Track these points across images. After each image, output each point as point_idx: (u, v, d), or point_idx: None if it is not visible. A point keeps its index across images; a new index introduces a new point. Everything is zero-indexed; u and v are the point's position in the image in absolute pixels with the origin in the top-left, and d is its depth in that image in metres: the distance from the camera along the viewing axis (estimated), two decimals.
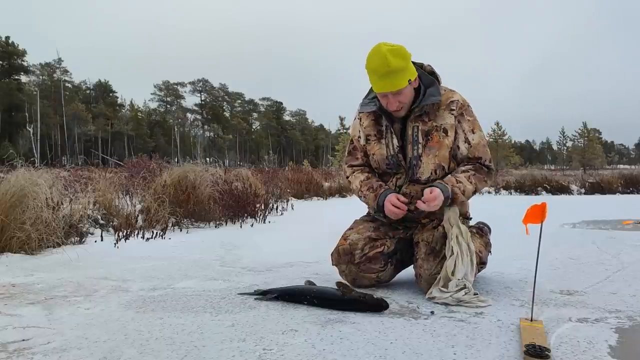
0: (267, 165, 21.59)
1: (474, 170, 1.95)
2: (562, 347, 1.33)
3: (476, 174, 1.95)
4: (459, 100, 1.97)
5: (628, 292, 1.95)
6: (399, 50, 1.83)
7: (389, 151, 2.00)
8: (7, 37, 53.75)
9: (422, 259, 1.92)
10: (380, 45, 1.82)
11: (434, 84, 1.95)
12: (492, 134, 44.94)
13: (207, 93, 77.36)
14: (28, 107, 48.22)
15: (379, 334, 1.46)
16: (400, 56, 1.82)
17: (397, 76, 1.82)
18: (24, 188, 3.08)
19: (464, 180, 1.91)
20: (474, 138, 1.97)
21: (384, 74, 1.81)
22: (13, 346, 1.37)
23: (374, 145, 2.05)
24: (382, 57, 1.79)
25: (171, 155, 48.67)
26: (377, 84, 1.88)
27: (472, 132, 1.97)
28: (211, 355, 1.29)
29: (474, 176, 1.94)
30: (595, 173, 20.38)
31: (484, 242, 2.08)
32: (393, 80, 1.83)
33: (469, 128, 1.97)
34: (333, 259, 2.09)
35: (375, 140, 2.04)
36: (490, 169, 2.00)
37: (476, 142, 1.97)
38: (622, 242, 3.35)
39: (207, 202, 4.72)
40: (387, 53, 1.79)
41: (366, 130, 2.07)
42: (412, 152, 1.96)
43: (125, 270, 2.53)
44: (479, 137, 1.98)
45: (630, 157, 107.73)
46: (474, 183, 1.93)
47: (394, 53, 1.81)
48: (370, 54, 1.85)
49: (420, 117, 1.95)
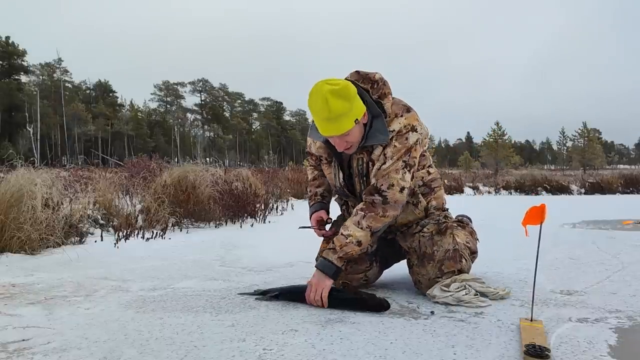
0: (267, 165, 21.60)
1: (364, 210, 1.79)
2: (562, 347, 1.33)
3: (367, 213, 1.79)
4: (394, 130, 1.80)
5: (628, 292, 1.95)
6: (341, 90, 1.65)
7: (336, 182, 1.97)
8: (7, 37, 53.76)
9: (417, 265, 1.93)
10: (321, 85, 1.66)
11: (380, 118, 1.79)
12: (492, 134, 44.92)
13: (207, 93, 77.39)
14: (28, 107, 48.23)
15: (379, 334, 1.46)
16: (342, 97, 1.65)
17: (341, 120, 1.67)
18: (24, 188, 3.08)
19: (353, 231, 1.78)
20: (387, 163, 1.80)
21: (326, 119, 1.67)
22: (13, 346, 1.37)
23: (325, 168, 2.02)
24: (322, 100, 1.64)
25: (171, 155, 48.67)
26: (320, 127, 1.73)
27: (391, 158, 1.79)
28: (211, 355, 1.29)
29: (364, 218, 1.78)
30: (595, 173, 20.40)
31: (467, 232, 2.10)
32: (337, 125, 1.68)
33: (391, 154, 1.79)
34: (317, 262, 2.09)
35: (327, 164, 2.00)
36: (385, 198, 1.78)
37: (386, 167, 1.79)
38: (622, 242, 3.35)
39: (207, 202, 4.72)
40: (329, 95, 1.63)
41: (318, 151, 2.00)
42: (360, 185, 1.89)
43: (125, 270, 2.53)
44: (394, 166, 1.79)
45: (630, 157, 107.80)
46: (367, 226, 1.78)
47: (336, 95, 1.64)
48: (310, 93, 1.69)
49: (364, 147, 1.82)
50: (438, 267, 1.87)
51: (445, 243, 1.90)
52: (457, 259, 1.89)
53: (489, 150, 43.62)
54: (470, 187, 13.26)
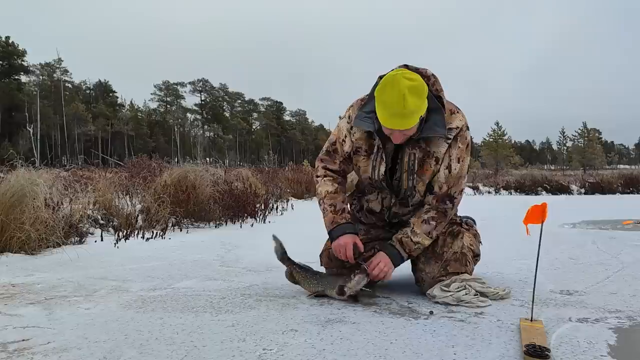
0: (267, 165, 21.58)
1: (436, 220, 1.83)
2: (562, 347, 1.33)
3: (438, 223, 1.84)
4: (457, 127, 1.81)
5: (628, 292, 1.95)
6: (418, 87, 1.64)
7: (374, 175, 1.89)
8: (7, 37, 53.70)
9: (423, 262, 1.93)
10: (400, 80, 1.62)
11: (439, 111, 1.77)
12: (492, 134, 44.95)
13: (207, 93, 77.37)
14: (28, 107, 48.19)
15: (379, 334, 1.46)
16: (418, 95, 1.64)
17: (412, 117, 1.65)
18: (24, 188, 3.08)
19: (422, 239, 1.83)
20: (456, 167, 1.82)
21: (399, 114, 1.64)
22: (13, 346, 1.37)
23: (361, 160, 1.92)
24: (399, 95, 1.60)
25: (171, 155, 48.60)
26: (387, 120, 1.68)
27: (457, 160, 1.82)
28: (211, 355, 1.29)
29: (435, 229, 1.84)
30: (595, 173, 20.40)
31: (472, 234, 2.09)
32: (406, 120, 1.66)
33: (456, 156, 1.82)
34: (322, 261, 2.09)
35: (365, 156, 1.90)
36: (454, 204, 1.86)
37: (456, 172, 1.82)
38: (622, 242, 3.35)
39: (207, 202, 4.72)
40: (407, 92, 1.60)
41: (357, 142, 1.91)
42: (408, 182, 1.85)
43: (125, 270, 2.53)
44: (461, 168, 1.83)
45: (630, 157, 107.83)
46: (435, 235, 1.85)
47: (413, 92, 1.62)
48: (386, 86, 1.64)
49: (417, 142, 1.80)
50: (444, 266, 1.88)
51: (455, 245, 1.91)
52: (463, 262, 1.90)
53: (489, 150, 43.65)
54: (470, 187, 13.26)
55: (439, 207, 1.84)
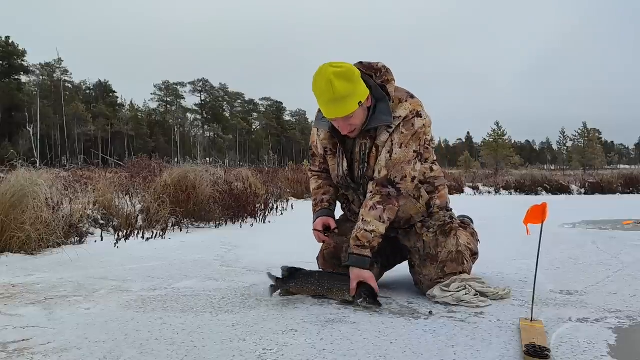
0: (267, 165, 21.58)
1: (382, 204, 1.79)
2: (562, 347, 1.33)
3: (386, 206, 1.79)
4: (400, 116, 1.80)
5: (628, 292, 1.95)
6: (345, 72, 1.67)
7: (339, 172, 1.95)
8: (7, 37, 53.70)
9: (419, 265, 1.93)
10: (325, 68, 1.68)
11: (384, 100, 1.80)
12: (492, 134, 44.96)
13: (207, 93, 77.39)
14: (28, 107, 48.17)
15: (379, 334, 1.46)
16: (346, 79, 1.67)
17: (346, 101, 1.68)
18: (24, 188, 3.08)
19: (376, 226, 1.78)
20: (397, 152, 1.80)
21: (331, 100, 1.68)
22: (13, 346, 1.37)
23: (330, 160, 1.99)
24: (327, 81, 1.66)
25: (171, 155, 48.59)
26: (325, 109, 1.75)
27: (399, 145, 1.80)
28: (211, 355, 1.29)
29: (384, 212, 1.79)
30: (595, 173, 20.40)
31: (469, 233, 2.10)
32: (341, 106, 1.69)
33: (398, 141, 1.80)
34: (319, 263, 2.09)
35: (332, 155, 1.97)
36: (399, 190, 1.81)
37: (397, 157, 1.80)
38: (622, 242, 3.35)
39: (207, 202, 4.72)
40: (333, 77, 1.65)
41: (323, 142, 1.99)
42: (358, 171, 1.89)
43: (125, 270, 2.53)
44: (404, 153, 1.80)
45: (630, 157, 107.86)
46: (387, 219, 1.80)
47: (340, 76, 1.66)
48: (315, 76, 1.70)
49: (368, 132, 1.84)
50: (440, 268, 1.88)
51: (449, 245, 1.90)
52: (459, 261, 1.89)
53: (489, 150, 43.67)
54: (470, 187, 13.26)
55: (381, 191, 1.81)
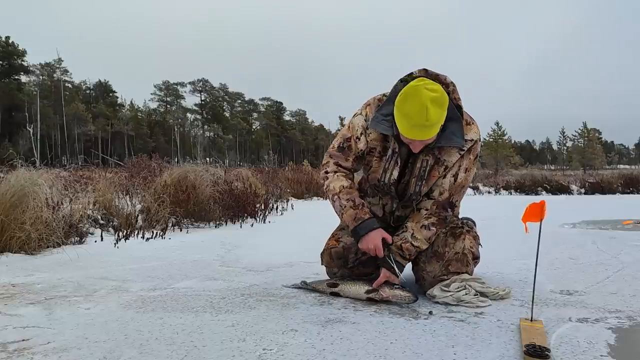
0: (267, 165, 21.58)
1: (436, 226, 1.86)
2: (562, 347, 1.33)
3: (439, 229, 1.88)
4: (472, 139, 1.82)
5: (628, 292, 1.95)
6: (439, 98, 1.63)
7: (384, 178, 1.88)
8: (7, 37, 53.66)
9: (424, 262, 1.93)
10: (422, 91, 1.60)
11: (458, 121, 1.77)
12: (492, 134, 44.96)
13: (207, 93, 77.34)
14: (28, 107, 48.15)
15: (379, 334, 1.46)
16: (440, 105, 1.63)
17: (434, 127, 1.66)
18: (24, 188, 3.08)
19: (421, 244, 1.85)
20: (461, 177, 1.85)
21: (421, 125, 1.63)
22: (13, 346, 1.37)
23: (373, 161, 1.90)
24: (422, 107, 1.59)
25: (171, 155, 48.59)
26: (408, 130, 1.67)
27: (465, 170, 1.85)
28: (211, 355, 1.29)
29: (434, 235, 1.87)
30: (595, 173, 20.40)
31: (472, 237, 2.09)
32: (428, 132, 1.66)
33: (465, 166, 1.85)
34: (323, 260, 2.08)
35: (377, 158, 1.88)
36: (453, 211, 1.93)
37: (461, 181, 1.85)
38: (622, 242, 3.35)
39: (207, 202, 4.72)
40: (429, 104, 1.59)
41: (372, 143, 1.89)
42: (415, 186, 1.86)
43: (125, 270, 2.53)
44: (466, 178, 1.87)
45: (630, 157, 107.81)
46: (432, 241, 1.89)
47: (435, 103, 1.61)
48: (408, 97, 1.63)
49: (432, 149, 1.80)
50: (445, 265, 1.88)
51: (457, 246, 1.91)
52: (464, 262, 1.90)
53: (489, 150, 43.64)
54: (470, 187, 13.26)
55: (440, 213, 1.86)
